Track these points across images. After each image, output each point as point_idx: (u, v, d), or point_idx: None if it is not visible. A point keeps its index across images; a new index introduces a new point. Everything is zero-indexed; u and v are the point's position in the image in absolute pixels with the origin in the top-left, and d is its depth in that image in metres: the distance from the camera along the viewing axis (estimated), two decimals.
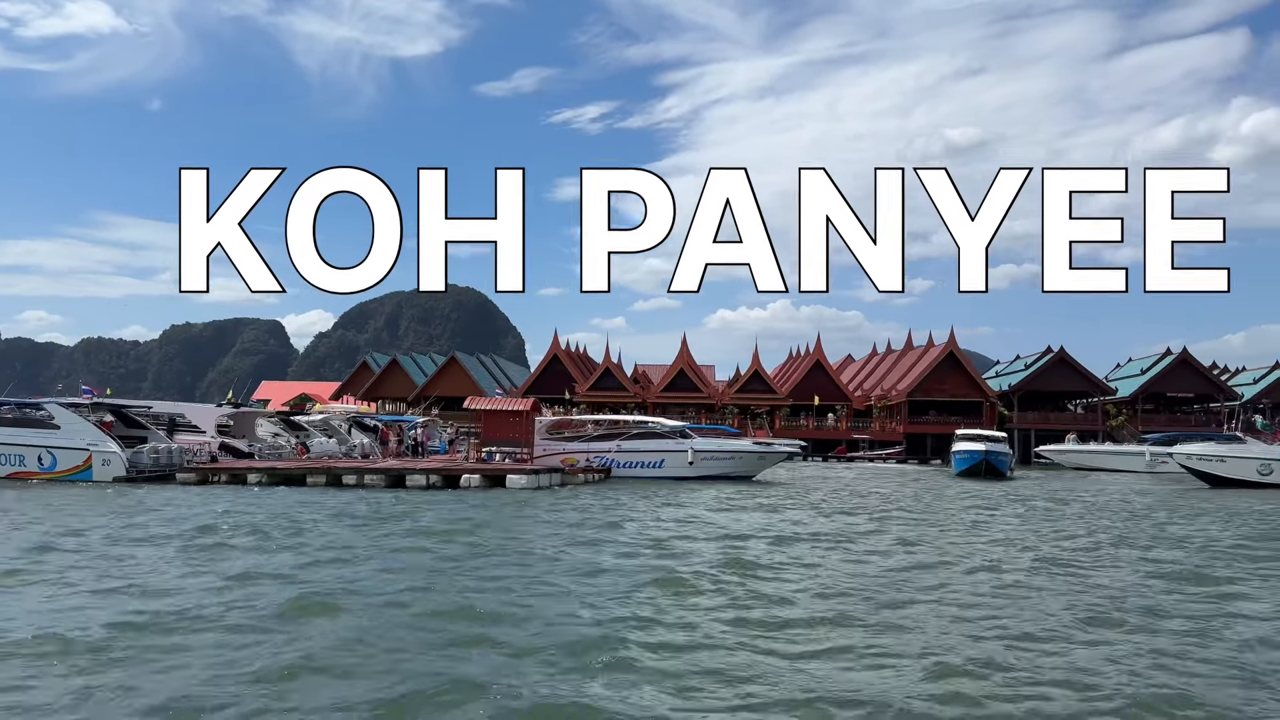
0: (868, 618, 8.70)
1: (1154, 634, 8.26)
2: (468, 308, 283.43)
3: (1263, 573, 12.36)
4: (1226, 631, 8.43)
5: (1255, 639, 8.12)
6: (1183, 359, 70.39)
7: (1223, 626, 8.63)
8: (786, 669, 6.83)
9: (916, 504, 24.54)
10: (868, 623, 8.49)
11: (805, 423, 73.59)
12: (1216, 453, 38.04)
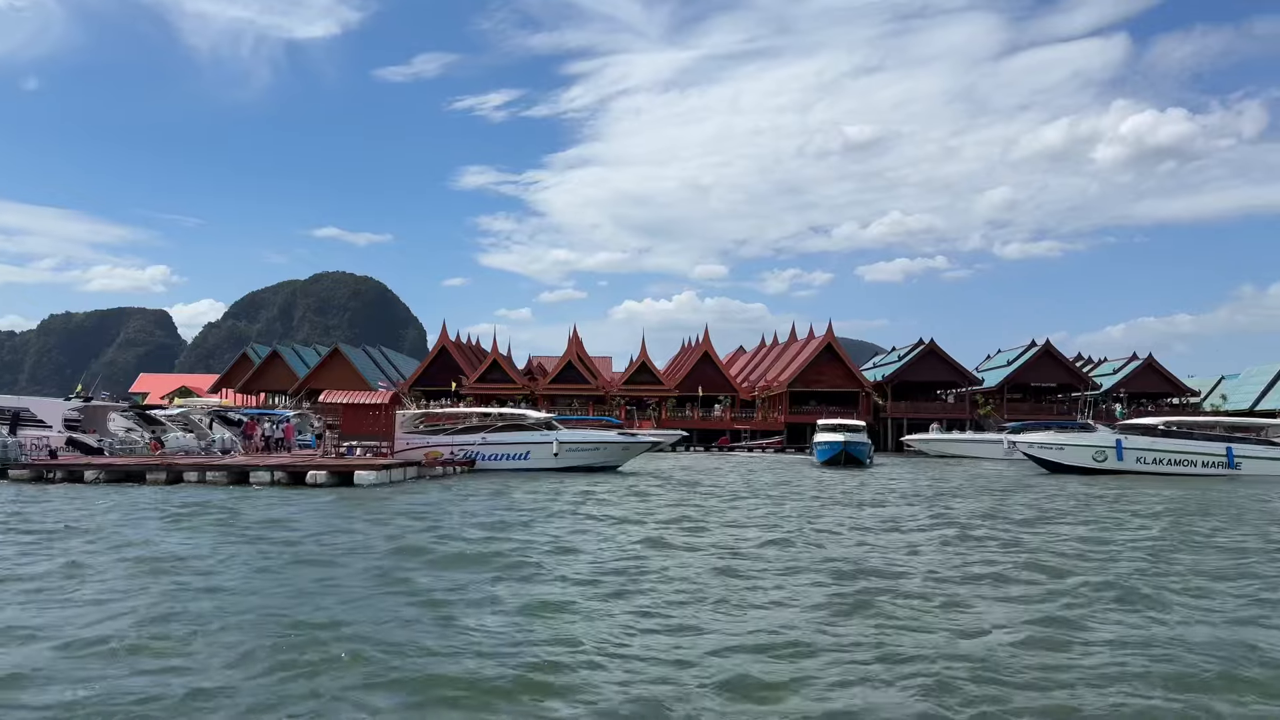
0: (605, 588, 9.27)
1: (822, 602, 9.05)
2: (367, 298, 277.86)
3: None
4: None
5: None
6: (1046, 350, 74.20)
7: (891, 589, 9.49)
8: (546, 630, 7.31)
9: (745, 489, 25.51)
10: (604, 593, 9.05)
11: (691, 413, 74.94)
12: (1055, 441, 40.40)
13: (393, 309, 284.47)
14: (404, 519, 16.91)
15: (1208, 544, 14.53)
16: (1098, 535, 15.64)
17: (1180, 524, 17.60)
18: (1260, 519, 18.84)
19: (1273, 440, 38.82)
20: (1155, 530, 16.48)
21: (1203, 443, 38.84)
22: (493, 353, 75.39)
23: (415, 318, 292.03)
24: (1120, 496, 24.95)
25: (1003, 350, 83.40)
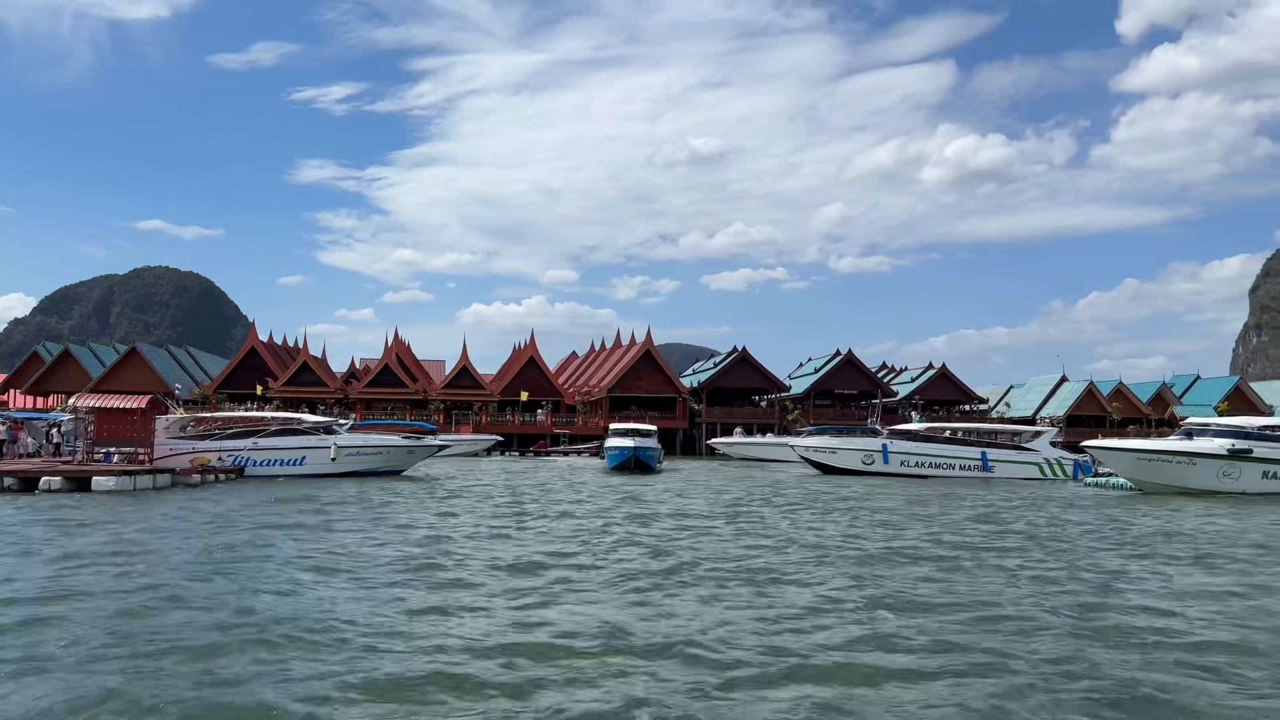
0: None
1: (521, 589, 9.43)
2: (192, 294, 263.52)
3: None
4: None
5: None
6: (848, 359, 78.23)
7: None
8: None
9: (509, 493, 25.83)
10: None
11: (512, 418, 74.84)
12: (828, 445, 42.74)
13: (220, 307, 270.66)
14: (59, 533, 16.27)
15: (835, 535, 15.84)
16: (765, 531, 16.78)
17: (851, 518, 19.07)
18: (943, 516, 20.63)
19: (1023, 446, 42.28)
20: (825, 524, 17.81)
21: (960, 448, 41.95)
22: (302, 354, 72.94)
23: (245, 316, 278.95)
24: (852, 494, 26.71)
25: (813, 359, 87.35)
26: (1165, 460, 30.48)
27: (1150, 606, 9.80)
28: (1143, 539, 16.57)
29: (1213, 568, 13.08)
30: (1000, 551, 14.43)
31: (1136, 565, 13.19)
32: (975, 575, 11.92)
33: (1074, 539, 16.42)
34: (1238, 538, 16.95)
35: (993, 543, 15.59)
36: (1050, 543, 15.73)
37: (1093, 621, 8.91)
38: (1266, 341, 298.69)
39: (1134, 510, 23.29)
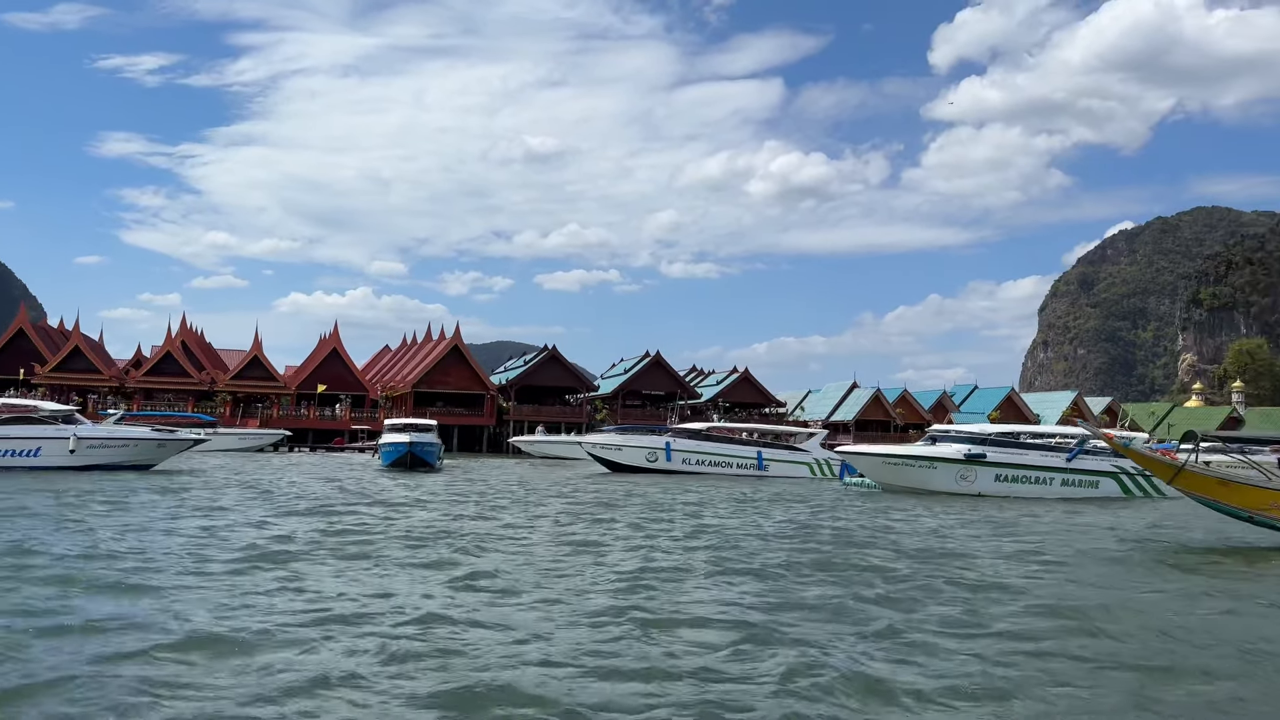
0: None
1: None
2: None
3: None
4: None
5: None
6: (656, 361, 79.78)
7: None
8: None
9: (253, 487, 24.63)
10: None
11: (308, 412, 71.87)
12: (614, 442, 43.34)
13: (6, 286, 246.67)
14: None
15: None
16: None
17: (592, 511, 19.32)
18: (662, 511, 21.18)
19: (796, 446, 44.24)
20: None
21: (738, 447, 43.49)
22: (73, 337, 67.40)
23: (34, 296, 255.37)
24: (612, 489, 27.07)
25: (624, 359, 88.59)
26: (908, 464, 32.55)
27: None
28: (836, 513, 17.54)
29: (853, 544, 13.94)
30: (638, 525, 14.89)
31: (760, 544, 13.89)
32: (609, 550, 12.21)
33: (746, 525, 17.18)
34: (913, 528, 18.19)
35: (639, 516, 16.08)
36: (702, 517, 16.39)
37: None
38: (1051, 357, 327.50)
39: (853, 506, 24.69)
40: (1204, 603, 10.18)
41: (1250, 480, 15.62)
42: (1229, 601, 10.25)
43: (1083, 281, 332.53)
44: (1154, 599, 10.37)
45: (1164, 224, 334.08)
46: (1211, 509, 15.85)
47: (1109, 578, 12.01)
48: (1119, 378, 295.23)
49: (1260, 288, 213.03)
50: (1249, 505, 15.30)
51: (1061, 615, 8.91)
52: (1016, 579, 11.41)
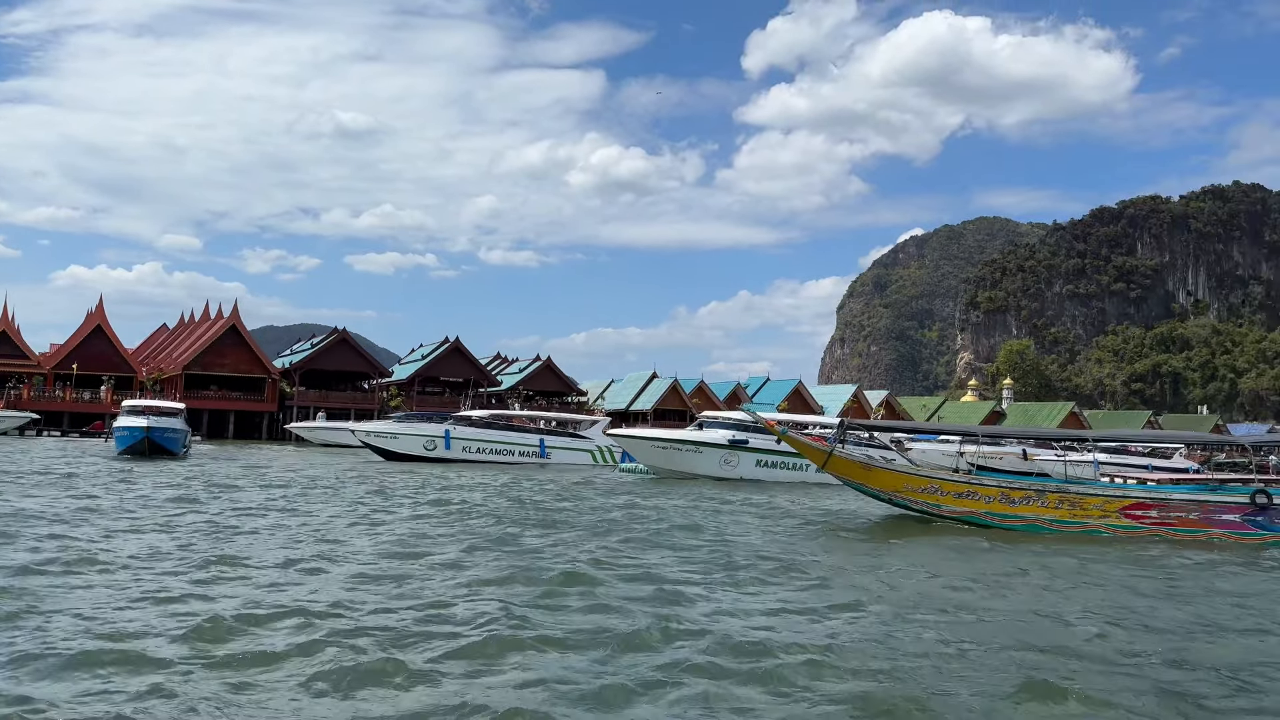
0: None
1: None
2: None
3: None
4: None
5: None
6: (455, 348, 78.10)
7: None
8: None
9: None
10: None
11: (64, 394, 65.57)
12: (390, 430, 41.85)
13: None
14: None
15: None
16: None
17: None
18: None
19: (579, 434, 44.24)
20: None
21: (520, 435, 43.01)
22: None
23: None
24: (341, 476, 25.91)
25: (424, 345, 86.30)
26: (676, 448, 33.13)
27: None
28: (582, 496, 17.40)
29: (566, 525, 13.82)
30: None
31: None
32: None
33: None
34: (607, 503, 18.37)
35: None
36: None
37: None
38: (848, 353, 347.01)
39: (613, 490, 24.78)
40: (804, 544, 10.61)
41: (889, 465, 17.26)
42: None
43: (877, 283, 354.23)
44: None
45: (950, 231, 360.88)
46: (858, 491, 17.49)
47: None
48: (907, 374, 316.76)
49: (1030, 293, 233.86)
50: (887, 487, 16.93)
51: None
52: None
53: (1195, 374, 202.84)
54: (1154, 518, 16.14)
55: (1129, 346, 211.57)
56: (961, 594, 10.17)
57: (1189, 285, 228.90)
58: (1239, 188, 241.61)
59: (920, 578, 11.26)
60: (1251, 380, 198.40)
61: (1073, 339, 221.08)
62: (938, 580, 11.07)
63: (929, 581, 11.03)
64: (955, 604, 9.52)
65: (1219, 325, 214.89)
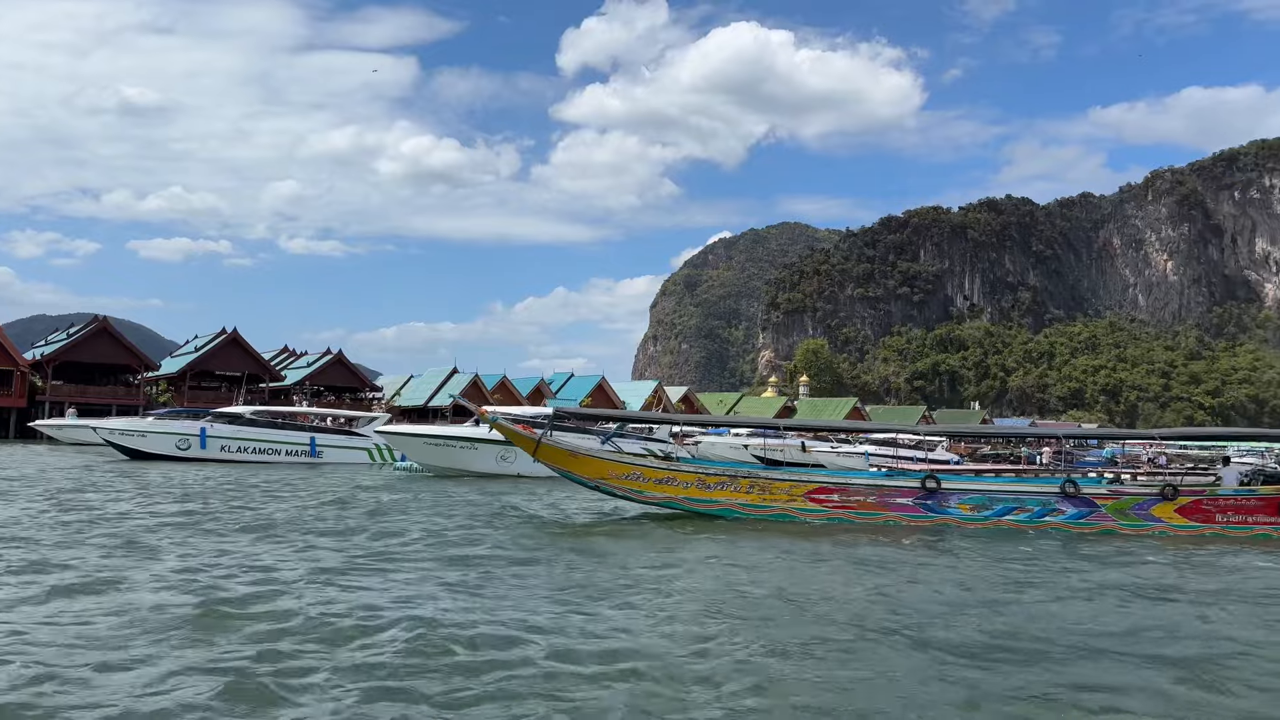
0: None
1: None
2: None
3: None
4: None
5: None
6: (232, 339, 73.01)
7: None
8: None
9: None
10: None
11: None
12: (137, 427, 38.31)
13: None
14: None
15: None
16: None
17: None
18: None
19: (355, 431, 42.01)
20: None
21: (288, 433, 40.33)
22: None
23: None
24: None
25: (199, 336, 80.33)
26: (449, 445, 31.85)
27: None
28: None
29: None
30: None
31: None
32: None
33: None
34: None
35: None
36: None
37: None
38: (660, 350, 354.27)
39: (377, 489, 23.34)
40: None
41: (595, 453, 17.36)
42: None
43: (688, 283, 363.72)
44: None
45: (756, 235, 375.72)
46: (567, 479, 17.63)
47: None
48: (715, 370, 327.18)
49: (825, 295, 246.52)
50: (592, 475, 17.02)
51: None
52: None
53: (970, 372, 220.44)
54: (836, 501, 16.99)
55: (912, 346, 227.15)
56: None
57: (966, 290, 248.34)
58: (1011, 201, 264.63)
59: (553, 575, 10.83)
60: (1019, 378, 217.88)
61: (862, 339, 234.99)
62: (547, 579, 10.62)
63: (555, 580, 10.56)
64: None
65: (991, 328, 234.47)
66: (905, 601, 9.63)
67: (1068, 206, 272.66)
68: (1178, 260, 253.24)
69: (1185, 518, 17.66)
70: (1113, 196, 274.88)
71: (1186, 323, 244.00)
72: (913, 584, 10.94)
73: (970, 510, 17.25)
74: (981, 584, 11.13)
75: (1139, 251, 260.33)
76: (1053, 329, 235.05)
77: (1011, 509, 17.37)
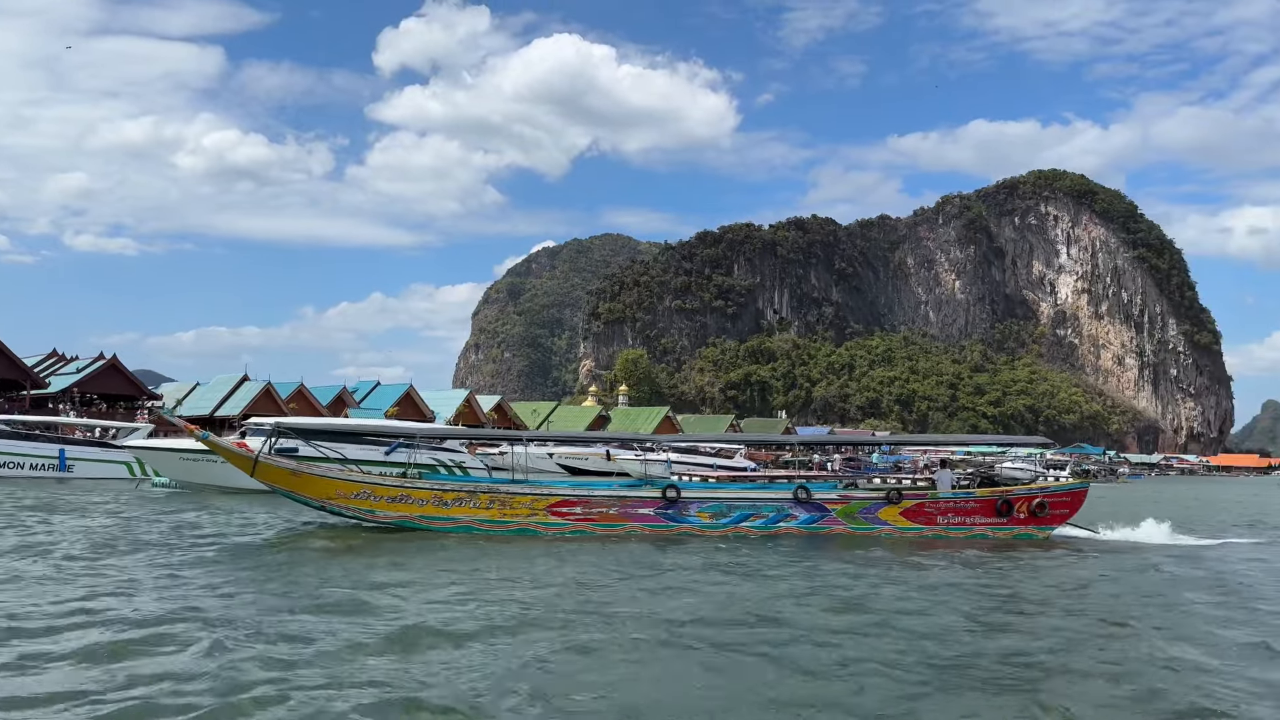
0: None
1: None
2: None
3: None
4: None
5: None
6: None
7: None
8: None
9: None
10: None
11: None
12: None
13: None
14: None
15: None
16: None
17: None
18: None
19: (112, 443, 38.74)
20: None
21: (31, 444, 36.73)
22: None
23: None
24: None
25: None
26: (204, 460, 29.80)
27: None
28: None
29: None
30: None
31: None
32: None
33: None
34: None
35: None
36: None
37: None
38: (482, 359, 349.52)
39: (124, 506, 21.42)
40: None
41: (320, 471, 16.57)
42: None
43: (511, 291, 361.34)
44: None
45: (579, 245, 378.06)
46: (290, 499, 16.71)
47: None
48: (538, 380, 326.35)
49: (644, 306, 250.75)
50: (318, 495, 16.26)
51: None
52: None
53: (779, 382, 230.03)
54: (579, 514, 16.98)
55: (726, 357, 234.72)
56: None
57: (776, 304, 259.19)
58: (816, 221, 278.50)
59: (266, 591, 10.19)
60: (823, 389, 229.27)
61: (680, 350, 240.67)
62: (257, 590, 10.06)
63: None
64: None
65: (798, 340, 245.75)
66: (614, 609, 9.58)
67: (867, 227, 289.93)
68: (964, 280, 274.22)
69: (909, 520, 18.75)
70: (908, 219, 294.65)
71: (972, 338, 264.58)
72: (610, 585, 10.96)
73: (709, 518, 17.66)
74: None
75: (930, 271, 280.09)
76: (853, 342, 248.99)
77: (748, 515, 17.92)
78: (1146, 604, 11.14)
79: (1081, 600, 11.59)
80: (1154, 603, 11.27)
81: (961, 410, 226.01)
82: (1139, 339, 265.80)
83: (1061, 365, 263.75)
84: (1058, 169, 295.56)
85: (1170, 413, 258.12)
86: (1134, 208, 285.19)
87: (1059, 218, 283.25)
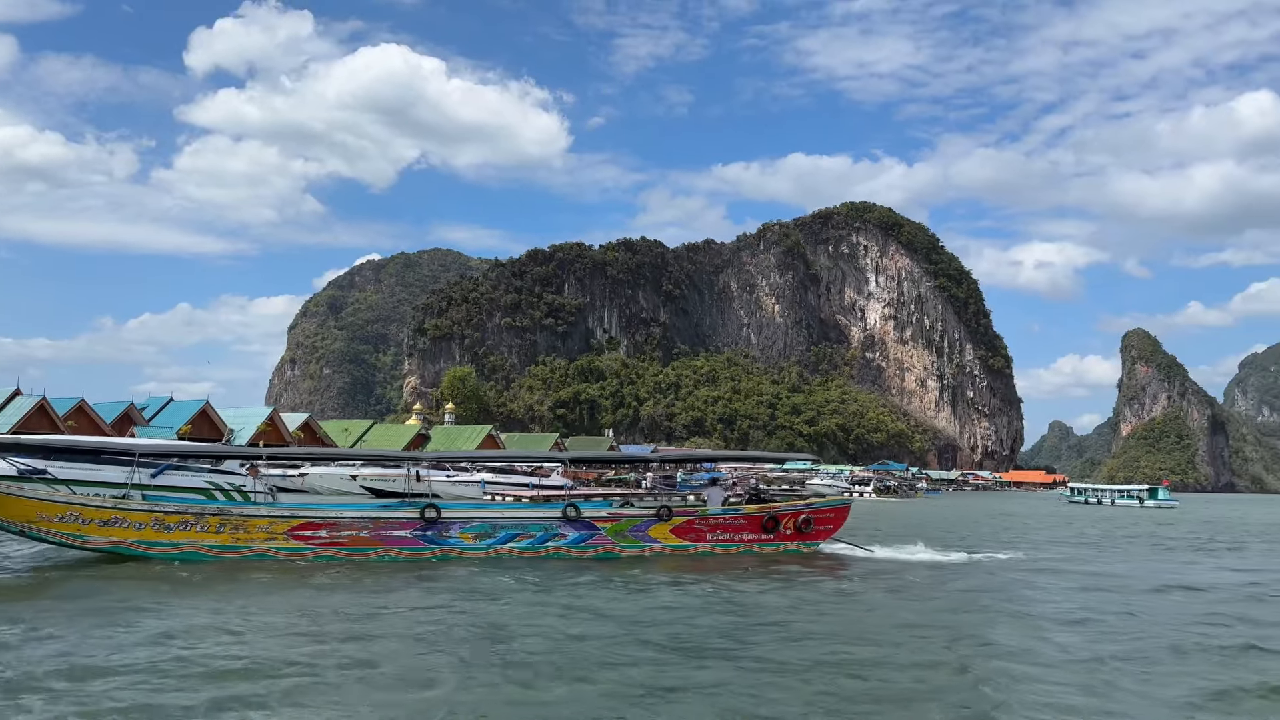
0: None
1: None
2: None
3: None
4: None
5: None
6: None
7: None
8: None
9: None
10: None
11: None
12: None
13: None
14: None
15: None
16: None
17: None
18: None
19: None
20: None
21: None
22: None
23: None
24: None
25: None
26: None
27: None
28: None
29: None
30: None
31: None
32: None
33: None
34: None
35: None
36: None
37: None
38: (299, 375, 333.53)
39: None
40: None
41: (17, 491, 15.12)
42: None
43: (332, 305, 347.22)
44: None
45: (407, 259, 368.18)
46: None
47: None
48: (360, 397, 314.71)
49: (473, 323, 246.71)
50: (18, 518, 14.83)
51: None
52: None
53: (608, 401, 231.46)
54: (324, 538, 16.05)
55: (555, 376, 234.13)
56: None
57: (605, 324, 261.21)
58: (645, 243, 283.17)
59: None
60: (650, 407, 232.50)
61: (509, 367, 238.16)
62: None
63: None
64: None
65: (627, 360, 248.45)
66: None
67: (694, 251, 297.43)
68: (783, 304, 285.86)
69: (679, 537, 18.91)
70: (731, 244, 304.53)
71: (790, 359, 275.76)
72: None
73: (473, 539, 17.14)
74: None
75: (752, 295, 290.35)
76: (679, 362, 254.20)
77: (514, 535, 17.54)
78: (854, 613, 11.57)
79: (794, 615, 11.92)
80: (858, 611, 11.72)
81: (780, 429, 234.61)
82: (939, 363, 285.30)
83: (870, 387, 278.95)
84: (868, 201, 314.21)
85: (967, 432, 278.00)
86: (936, 240, 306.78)
87: (869, 247, 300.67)
